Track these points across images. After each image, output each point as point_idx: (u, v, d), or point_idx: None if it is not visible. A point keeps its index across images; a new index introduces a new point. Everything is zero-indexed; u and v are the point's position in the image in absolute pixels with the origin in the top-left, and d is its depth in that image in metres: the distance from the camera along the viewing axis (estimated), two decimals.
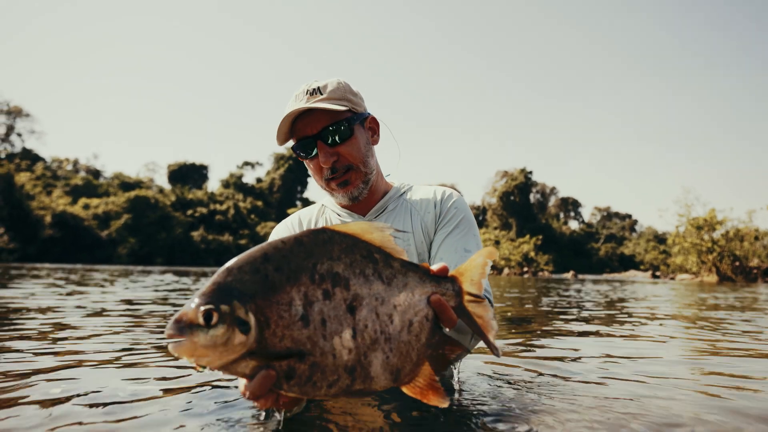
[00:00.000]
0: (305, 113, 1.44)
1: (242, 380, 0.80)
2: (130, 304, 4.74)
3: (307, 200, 68.16)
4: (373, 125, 1.59)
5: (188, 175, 68.75)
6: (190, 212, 55.83)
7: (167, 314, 3.88)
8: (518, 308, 5.35)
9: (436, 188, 1.63)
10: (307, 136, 1.45)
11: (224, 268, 0.79)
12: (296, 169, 66.78)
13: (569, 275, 36.59)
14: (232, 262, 0.80)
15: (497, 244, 50.43)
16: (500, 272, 44.58)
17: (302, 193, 69.17)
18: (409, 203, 1.60)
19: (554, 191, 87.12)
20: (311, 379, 0.80)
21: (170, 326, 0.73)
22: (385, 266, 0.87)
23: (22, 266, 21.32)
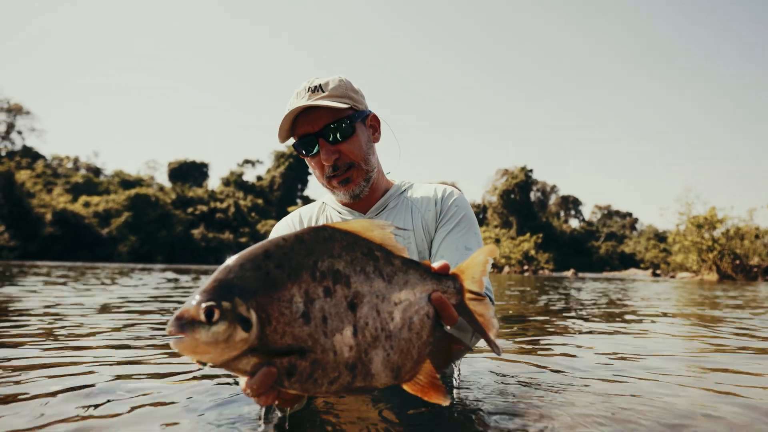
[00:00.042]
0: (307, 111, 1.44)
1: (243, 377, 0.80)
2: (130, 301, 4.75)
3: (307, 198, 68.19)
4: (374, 123, 1.58)
5: (189, 173, 68.75)
6: (190, 210, 55.84)
7: (167, 310, 3.88)
8: (519, 306, 5.35)
9: (436, 186, 1.63)
10: (308, 133, 1.44)
11: (225, 265, 0.79)
12: (297, 167, 66.75)
13: (569, 273, 36.61)
14: (233, 259, 0.80)
15: (497, 242, 50.42)
16: (500, 270, 44.59)
17: (303, 191, 69.18)
18: (409, 201, 1.60)
19: (555, 189, 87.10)
20: (312, 376, 0.80)
21: (172, 323, 0.73)
22: (385, 264, 0.87)
23: (22, 264, 21.33)
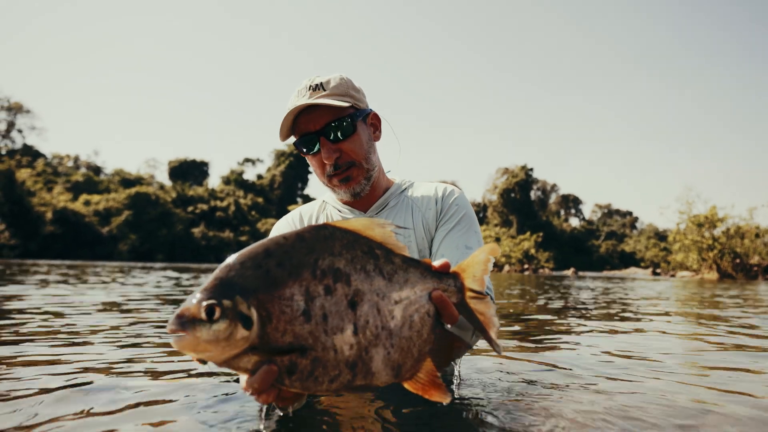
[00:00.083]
0: (308, 109, 1.43)
1: (244, 375, 0.80)
2: (130, 299, 4.75)
3: (307, 197, 68.18)
4: (374, 121, 1.58)
5: (189, 171, 68.72)
6: (190, 209, 55.82)
7: (167, 309, 3.89)
8: (519, 305, 5.35)
9: (437, 185, 1.63)
10: (309, 132, 1.44)
11: (226, 263, 0.79)
12: (297, 165, 66.71)
13: (570, 272, 36.62)
14: (233, 257, 0.80)
15: (498, 241, 50.41)
16: (501, 269, 44.59)
17: (303, 189, 69.14)
18: (410, 200, 1.60)
19: (555, 188, 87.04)
20: (313, 374, 0.80)
21: (172, 321, 0.73)
22: (386, 262, 0.87)
23: (23, 263, 21.34)
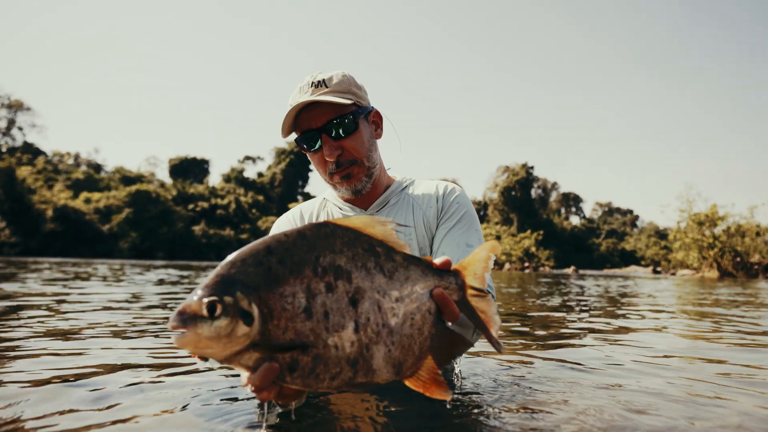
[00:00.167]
0: (310, 106, 1.43)
1: (245, 372, 0.80)
2: (130, 297, 4.75)
3: (308, 195, 68.15)
4: (376, 119, 1.58)
5: (189, 169, 68.66)
6: (191, 206, 55.79)
7: (167, 306, 3.89)
8: (519, 303, 5.35)
9: (438, 183, 1.63)
10: (311, 128, 1.44)
11: (227, 260, 0.79)
12: (297, 163, 66.65)
13: (570, 270, 36.63)
14: (235, 254, 0.80)
15: (498, 239, 50.37)
16: (501, 267, 44.60)
17: (303, 187, 69.08)
18: (411, 198, 1.59)
19: (555, 186, 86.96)
20: (314, 371, 0.80)
21: (174, 318, 0.73)
22: (387, 260, 0.87)
23: (23, 260, 21.36)
